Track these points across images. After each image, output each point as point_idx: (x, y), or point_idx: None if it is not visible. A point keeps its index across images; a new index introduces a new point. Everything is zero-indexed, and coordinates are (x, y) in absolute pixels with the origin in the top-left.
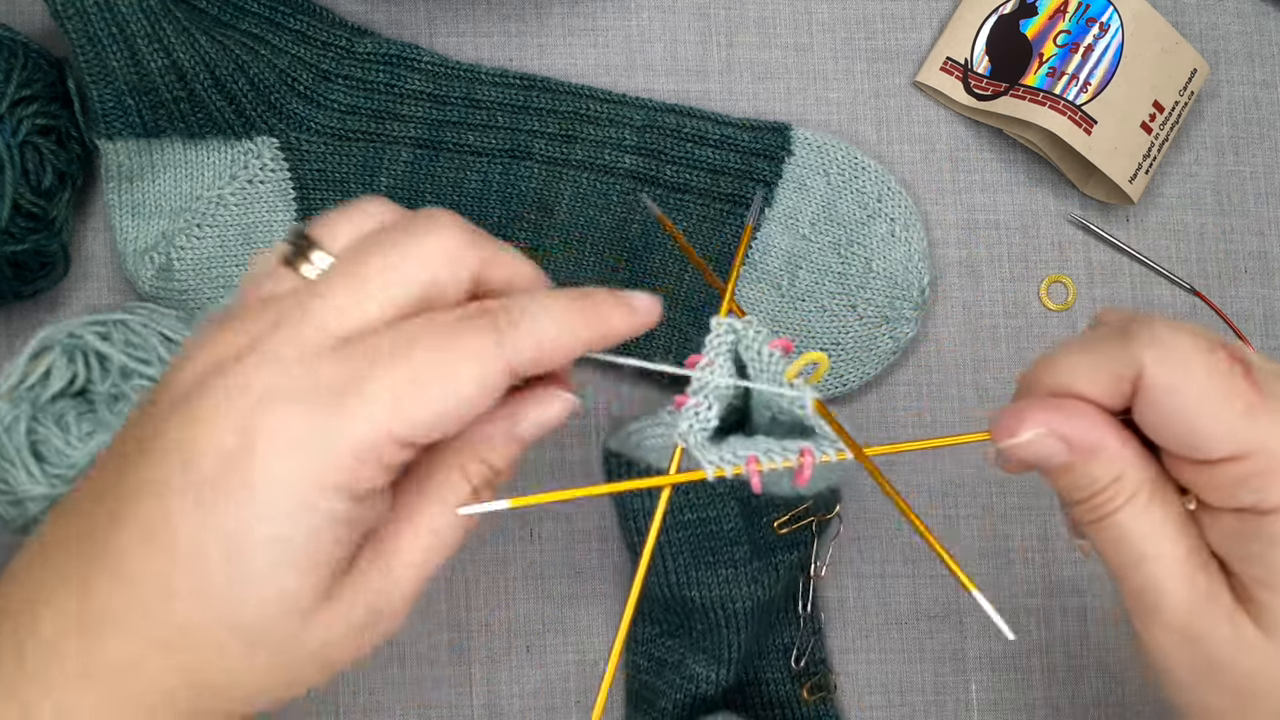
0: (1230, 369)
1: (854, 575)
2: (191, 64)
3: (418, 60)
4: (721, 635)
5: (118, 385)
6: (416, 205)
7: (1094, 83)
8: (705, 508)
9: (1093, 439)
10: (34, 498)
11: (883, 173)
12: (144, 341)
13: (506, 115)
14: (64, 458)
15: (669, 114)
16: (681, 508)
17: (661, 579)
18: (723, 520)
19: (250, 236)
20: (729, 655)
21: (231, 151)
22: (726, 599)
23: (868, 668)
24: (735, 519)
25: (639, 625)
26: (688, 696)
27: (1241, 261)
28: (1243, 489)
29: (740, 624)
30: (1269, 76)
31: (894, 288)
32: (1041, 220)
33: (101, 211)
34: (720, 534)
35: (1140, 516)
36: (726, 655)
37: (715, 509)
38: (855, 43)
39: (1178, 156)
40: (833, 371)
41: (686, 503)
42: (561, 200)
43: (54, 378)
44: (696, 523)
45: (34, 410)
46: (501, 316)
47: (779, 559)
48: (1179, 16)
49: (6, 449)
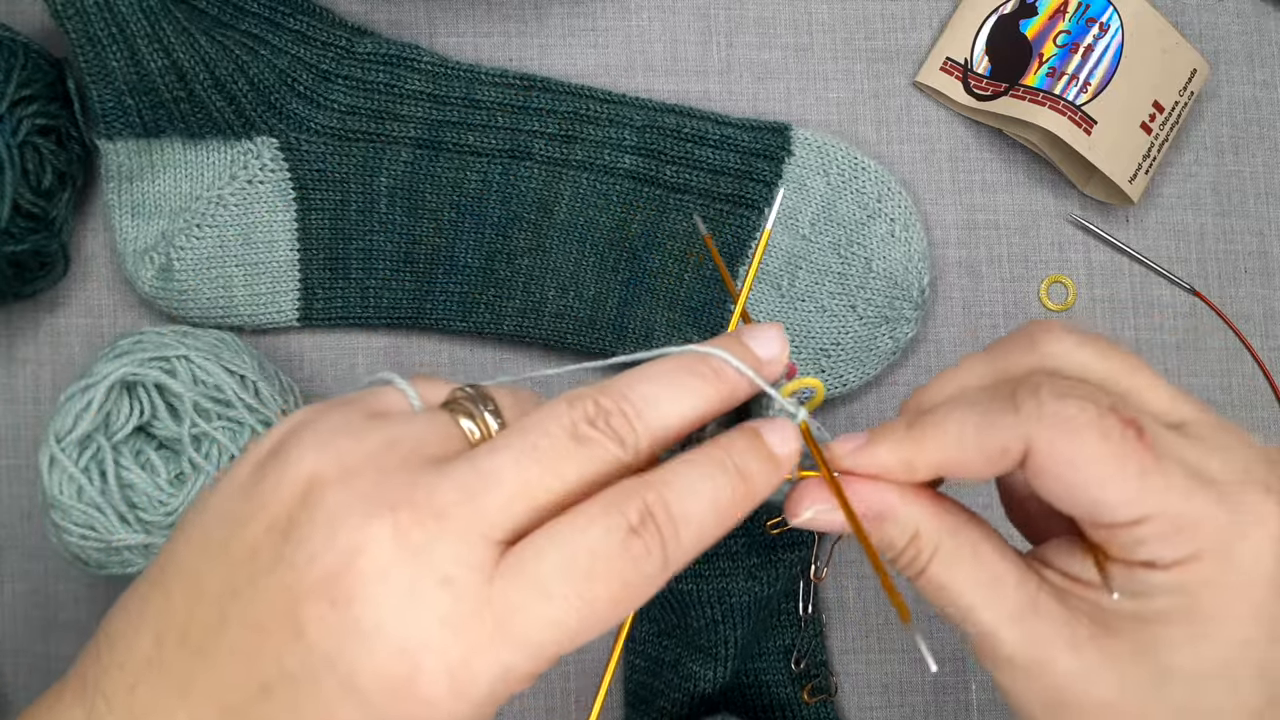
0: (1123, 434)
1: (854, 575)
2: (191, 64)
3: (418, 60)
4: (718, 631)
5: (198, 425)
6: (417, 205)
7: (1094, 83)
8: None
9: (875, 505)
10: (131, 546)
11: (883, 173)
12: (213, 377)
13: (506, 115)
14: (158, 505)
15: (669, 114)
16: None
17: None
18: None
19: (250, 236)
20: (725, 652)
21: (231, 151)
22: (724, 592)
23: (868, 668)
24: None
25: (637, 625)
26: (685, 695)
27: (1241, 261)
28: (1140, 548)
29: (737, 619)
30: (1269, 76)
31: (894, 288)
32: (1041, 220)
33: (101, 211)
34: None
35: (951, 568)
36: (723, 652)
37: None
38: (855, 43)
39: (1178, 156)
40: (833, 371)
41: None
42: (561, 200)
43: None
44: None
45: (114, 454)
46: (669, 533)
47: (779, 557)
48: (1179, 16)
49: (89, 493)
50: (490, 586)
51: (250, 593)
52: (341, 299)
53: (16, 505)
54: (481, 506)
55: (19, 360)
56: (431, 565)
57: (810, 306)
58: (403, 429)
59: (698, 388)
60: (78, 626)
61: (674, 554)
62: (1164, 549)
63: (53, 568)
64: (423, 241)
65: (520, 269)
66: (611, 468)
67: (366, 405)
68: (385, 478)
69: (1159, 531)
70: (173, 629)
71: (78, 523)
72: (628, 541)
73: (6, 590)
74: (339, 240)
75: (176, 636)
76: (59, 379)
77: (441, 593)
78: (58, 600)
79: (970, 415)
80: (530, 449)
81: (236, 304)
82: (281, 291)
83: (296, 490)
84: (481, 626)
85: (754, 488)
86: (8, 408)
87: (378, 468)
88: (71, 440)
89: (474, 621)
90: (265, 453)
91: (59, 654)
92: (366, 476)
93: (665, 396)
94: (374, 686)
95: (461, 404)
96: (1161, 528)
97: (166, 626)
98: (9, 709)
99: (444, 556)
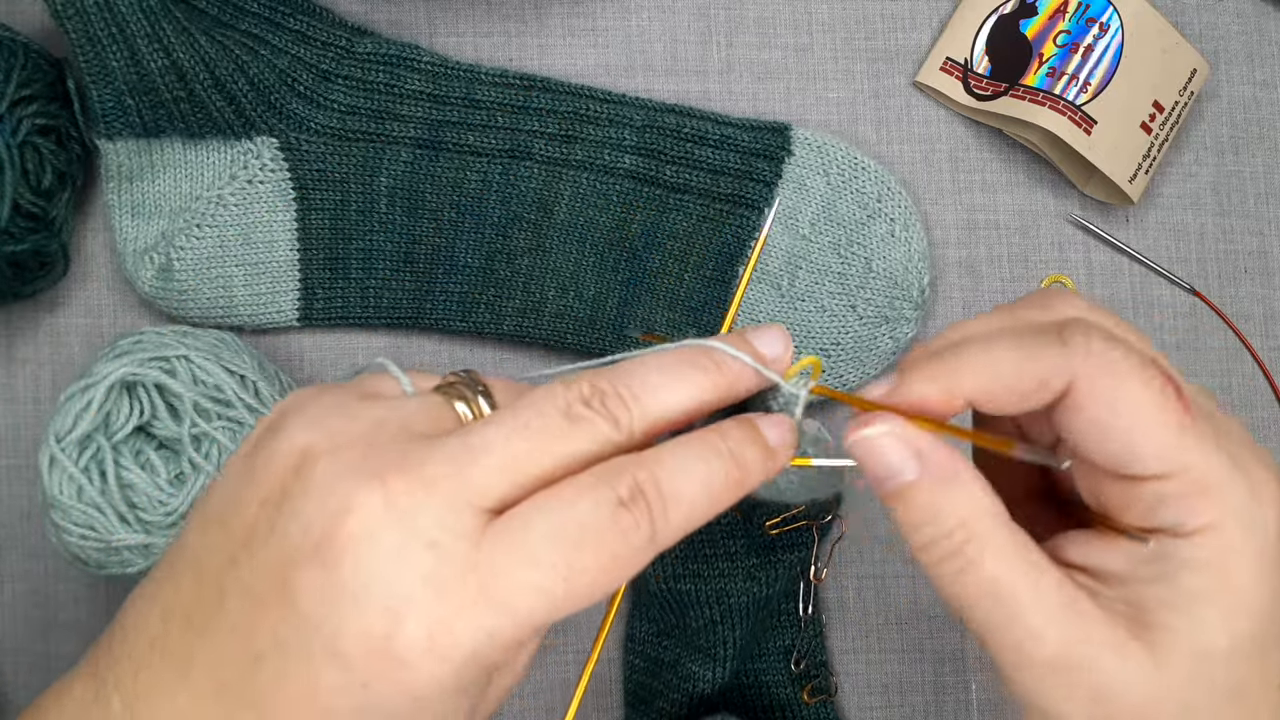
0: (1164, 388)
1: (854, 575)
2: (191, 64)
3: (418, 60)
4: (717, 632)
5: (198, 425)
6: (417, 205)
7: (1094, 83)
8: None
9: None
10: (130, 546)
11: (883, 173)
12: (213, 378)
13: (506, 115)
14: (158, 505)
15: (669, 114)
16: None
17: (656, 569)
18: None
19: (250, 236)
20: (724, 653)
21: (231, 151)
22: (722, 593)
23: (868, 668)
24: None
25: (636, 624)
26: (684, 696)
27: (1241, 261)
28: (1162, 508)
29: (736, 620)
30: (1269, 76)
31: (894, 288)
32: (1041, 220)
33: (101, 211)
34: (716, 526)
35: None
36: (722, 653)
37: None
38: (855, 43)
39: (1178, 156)
40: (833, 371)
41: None
42: (561, 200)
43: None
44: None
45: (114, 454)
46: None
47: (778, 558)
48: (1179, 16)
49: (89, 493)
50: (476, 551)
51: (248, 566)
52: (341, 299)
53: (16, 505)
54: (470, 476)
55: (19, 360)
56: (418, 529)
57: (810, 306)
58: (395, 408)
59: (696, 378)
60: (78, 626)
61: (662, 530)
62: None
63: (53, 568)
64: (423, 241)
65: (520, 269)
66: (604, 447)
67: (360, 388)
68: (376, 450)
69: (1183, 490)
70: (178, 611)
71: (78, 523)
72: (616, 514)
73: (6, 590)
74: (339, 240)
75: (181, 618)
76: (59, 379)
77: (427, 554)
78: (58, 600)
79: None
80: (522, 426)
81: (236, 304)
82: (281, 291)
83: (290, 463)
84: (464, 588)
85: (747, 473)
86: (8, 408)
87: (368, 441)
88: (71, 440)
89: (457, 583)
90: (261, 431)
91: (59, 654)
92: (357, 449)
93: (663, 384)
94: (356, 649)
95: (455, 388)
96: (1186, 486)
97: (172, 609)
98: (9, 709)
99: (431, 521)
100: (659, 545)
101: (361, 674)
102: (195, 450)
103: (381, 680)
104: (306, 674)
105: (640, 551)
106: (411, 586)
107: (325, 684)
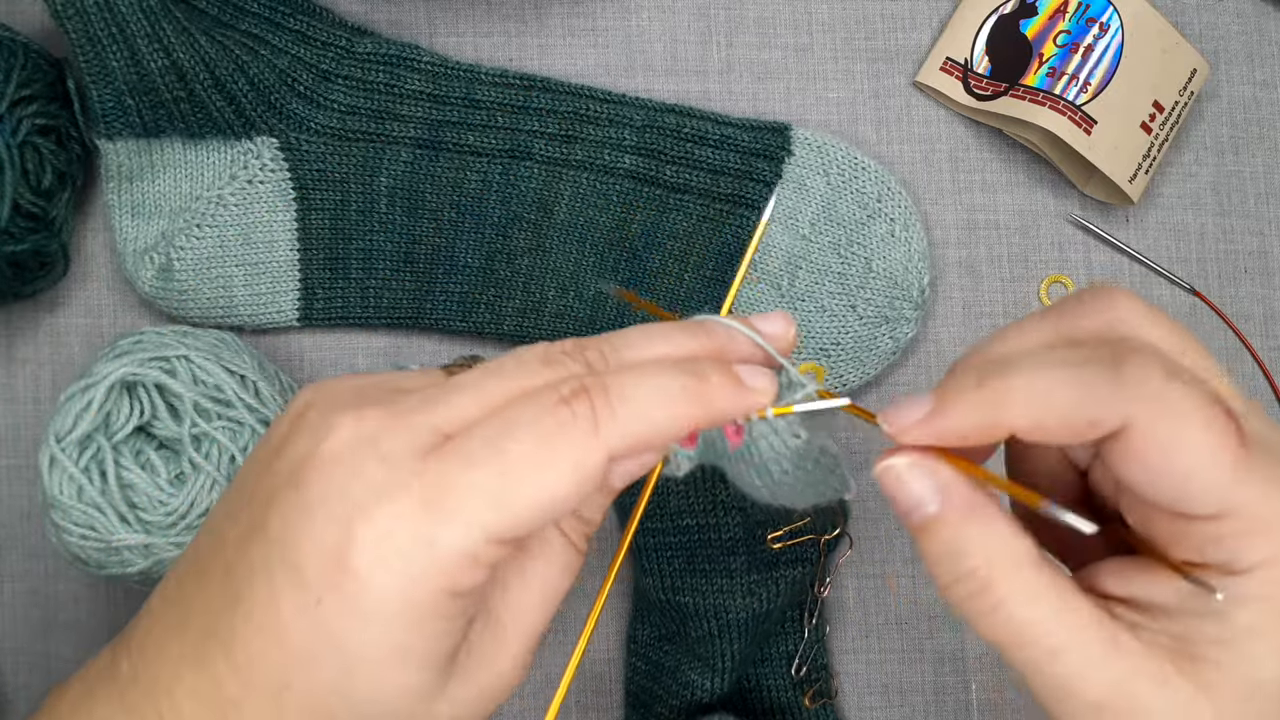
0: (1225, 427)
1: (854, 575)
2: (191, 64)
3: (418, 60)
4: (716, 645)
5: (198, 425)
6: (417, 205)
7: (1094, 83)
8: (706, 514)
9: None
10: (131, 546)
11: (883, 173)
12: (213, 378)
13: (506, 115)
14: (158, 505)
15: (669, 114)
16: (682, 513)
17: (655, 580)
18: (722, 529)
19: (250, 236)
20: (723, 665)
21: (231, 151)
22: (720, 608)
23: (868, 668)
24: (735, 529)
25: (638, 628)
26: (683, 703)
27: (1241, 261)
28: (1215, 547)
29: (734, 635)
30: (1269, 76)
31: (894, 288)
32: (1041, 220)
33: (101, 211)
34: (718, 542)
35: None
36: (721, 665)
37: (716, 517)
38: (855, 43)
39: (1178, 156)
40: (833, 371)
41: (687, 508)
42: (561, 200)
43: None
44: (695, 529)
45: (114, 454)
46: (600, 402)
47: (780, 574)
48: (1179, 16)
49: (89, 493)
50: (423, 462)
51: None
52: (341, 299)
53: (16, 505)
54: (436, 408)
55: (19, 360)
56: (376, 447)
57: (810, 306)
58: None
59: (678, 338)
60: (78, 626)
61: (606, 422)
62: (1244, 550)
63: (53, 568)
64: (423, 241)
65: (520, 269)
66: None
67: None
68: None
69: (1237, 530)
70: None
71: (78, 523)
72: (556, 408)
73: (6, 590)
74: (339, 240)
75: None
76: (59, 379)
77: (378, 467)
78: (58, 600)
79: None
80: (497, 369)
81: (236, 304)
82: (281, 291)
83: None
84: (409, 496)
85: (709, 392)
86: (8, 408)
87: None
88: (71, 440)
89: (402, 492)
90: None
91: (59, 654)
92: (348, 396)
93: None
94: (310, 561)
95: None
96: (1240, 526)
97: (186, 570)
98: (9, 709)
99: (388, 440)
100: (606, 440)
101: (316, 588)
102: (195, 450)
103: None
104: (269, 597)
105: (581, 443)
106: (361, 497)
107: (285, 605)
